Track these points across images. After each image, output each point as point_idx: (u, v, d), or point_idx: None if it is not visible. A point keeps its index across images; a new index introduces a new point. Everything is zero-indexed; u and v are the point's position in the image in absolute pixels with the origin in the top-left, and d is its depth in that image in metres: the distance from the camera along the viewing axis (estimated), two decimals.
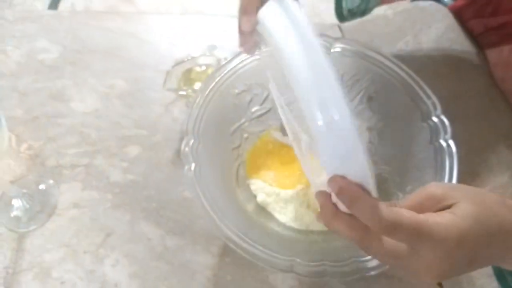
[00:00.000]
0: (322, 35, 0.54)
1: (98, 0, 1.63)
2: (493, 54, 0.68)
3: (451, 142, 0.47)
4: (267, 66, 0.48)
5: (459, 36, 0.72)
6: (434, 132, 0.48)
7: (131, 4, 1.55)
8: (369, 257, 0.42)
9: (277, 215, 0.52)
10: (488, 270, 0.53)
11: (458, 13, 0.75)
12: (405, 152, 0.51)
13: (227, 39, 0.72)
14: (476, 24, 0.72)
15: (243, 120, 0.55)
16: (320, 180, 0.38)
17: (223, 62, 0.53)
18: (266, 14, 0.36)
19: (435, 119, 0.49)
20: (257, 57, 0.53)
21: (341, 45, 0.54)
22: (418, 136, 0.50)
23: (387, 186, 0.51)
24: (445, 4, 0.77)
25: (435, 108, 0.49)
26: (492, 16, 0.68)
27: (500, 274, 0.53)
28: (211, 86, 0.51)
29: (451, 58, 0.70)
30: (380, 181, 0.53)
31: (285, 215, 0.52)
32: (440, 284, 0.52)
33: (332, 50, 0.54)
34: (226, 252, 0.53)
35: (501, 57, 0.67)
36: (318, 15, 1.74)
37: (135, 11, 0.79)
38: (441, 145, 0.47)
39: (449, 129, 0.48)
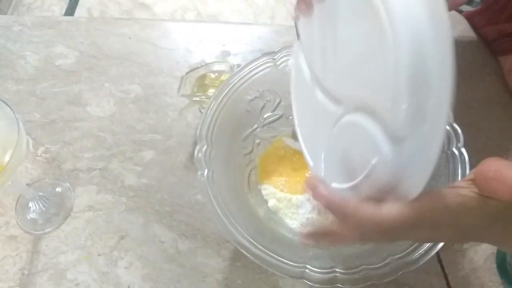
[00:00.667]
0: None
1: (114, 6, 1.66)
2: (507, 61, 0.68)
3: (463, 150, 0.47)
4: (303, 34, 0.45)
5: (472, 42, 0.72)
6: (447, 140, 0.48)
7: (147, 11, 1.58)
8: (380, 264, 0.42)
9: (288, 221, 0.53)
10: (499, 278, 0.53)
11: (472, 20, 0.74)
12: None
13: (241, 45, 0.73)
14: (490, 31, 0.71)
15: (255, 126, 0.56)
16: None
17: (236, 69, 0.54)
18: None
19: (447, 127, 0.48)
20: (270, 64, 0.54)
21: None
22: None
23: None
24: (459, 11, 0.77)
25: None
26: (506, 22, 0.68)
27: (502, 265, 0.53)
28: (224, 93, 0.52)
29: (463, 65, 0.70)
30: None
31: (296, 220, 0.52)
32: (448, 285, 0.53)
33: None
34: (237, 256, 0.54)
35: None
36: None
37: (151, 18, 0.80)
38: (453, 153, 0.47)
39: (461, 137, 0.47)
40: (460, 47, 0.72)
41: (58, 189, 0.59)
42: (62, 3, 1.72)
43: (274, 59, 0.54)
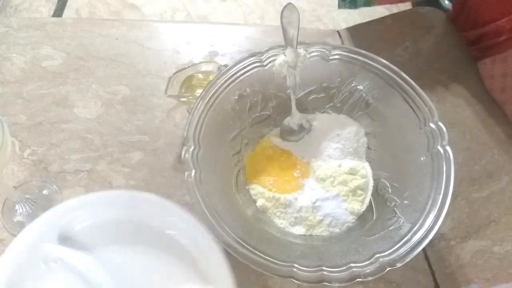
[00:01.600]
0: (321, 42, 0.55)
1: (103, 7, 1.65)
2: (480, 66, 0.69)
3: (448, 148, 0.47)
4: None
5: (457, 42, 0.73)
6: (432, 138, 0.49)
7: (136, 11, 1.57)
8: (367, 262, 0.42)
9: (277, 220, 0.53)
10: (486, 274, 0.54)
11: (454, 22, 0.75)
12: (402, 158, 0.52)
13: (229, 46, 0.73)
14: (463, 38, 0.72)
15: (242, 127, 0.56)
16: None
17: (224, 69, 0.54)
18: None
19: (432, 125, 0.49)
20: (257, 64, 0.54)
21: (340, 52, 0.54)
22: (415, 142, 0.50)
23: (385, 192, 0.52)
24: (445, 10, 0.78)
25: (433, 115, 0.49)
26: (471, 29, 0.69)
27: None
28: (211, 93, 0.52)
29: (449, 64, 0.70)
30: (378, 187, 0.53)
31: (285, 220, 0.53)
32: None
33: (331, 57, 0.54)
34: (226, 256, 0.54)
35: (486, 70, 0.67)
36: (320, 20, 1.76)
37: (140, 18, 0.80)
38: (438, 151, 0.48)
39: (446, 135, 0.48)
40: (446, 46, 0.73)
41: (45, 192, 0.58)
42: (50, 4, 1.71)
43: (261, 59, 0.54)
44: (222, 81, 0.53)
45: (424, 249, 0.44)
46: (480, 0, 0.67)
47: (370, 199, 0.53)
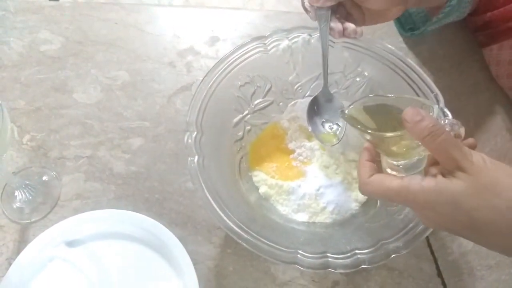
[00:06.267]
0: None
1: None
2: (486, 52, 0.68)
3: None
4: None
5: (462, 30, 0.72)
6: None
7: None
8: (371, 249, 0.42)
9: (279, 207, 0.52)
10: (489, 261, 0.54)
11: None
12: None
13: (230, 31, 0.72)
14: (469, 22, 0.71)
15: (245, 112, 0.55)
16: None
17: (226, 54, 0.53)
18: None
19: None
20: (260, 49, 0.53)
21: (345, 38, 0.53)
22: None
23: None
24: None
25: (438, 101, 0.49)
26: (480, 14, 0.68)
27: None
28: (214, 78, 0.51)
29: (453, 52, 0.70)
30: None
31: (288, 206, 0.52)
32: (441, 276, 0.53)
33: (335, 43, 0.54)
34: (228, 243, 0.54)
35: (492, 55, 0.66)
36: None
37: (137, 3, 0.78)
38: None
39: None
40: (450, 34, 0.72)
41: (44, 178, 0.57)
42: None
43: (265, 43, 0.53)
44: (225, 66, 0.52)
45: (427, 237, 0.44)
46: None
47: None
